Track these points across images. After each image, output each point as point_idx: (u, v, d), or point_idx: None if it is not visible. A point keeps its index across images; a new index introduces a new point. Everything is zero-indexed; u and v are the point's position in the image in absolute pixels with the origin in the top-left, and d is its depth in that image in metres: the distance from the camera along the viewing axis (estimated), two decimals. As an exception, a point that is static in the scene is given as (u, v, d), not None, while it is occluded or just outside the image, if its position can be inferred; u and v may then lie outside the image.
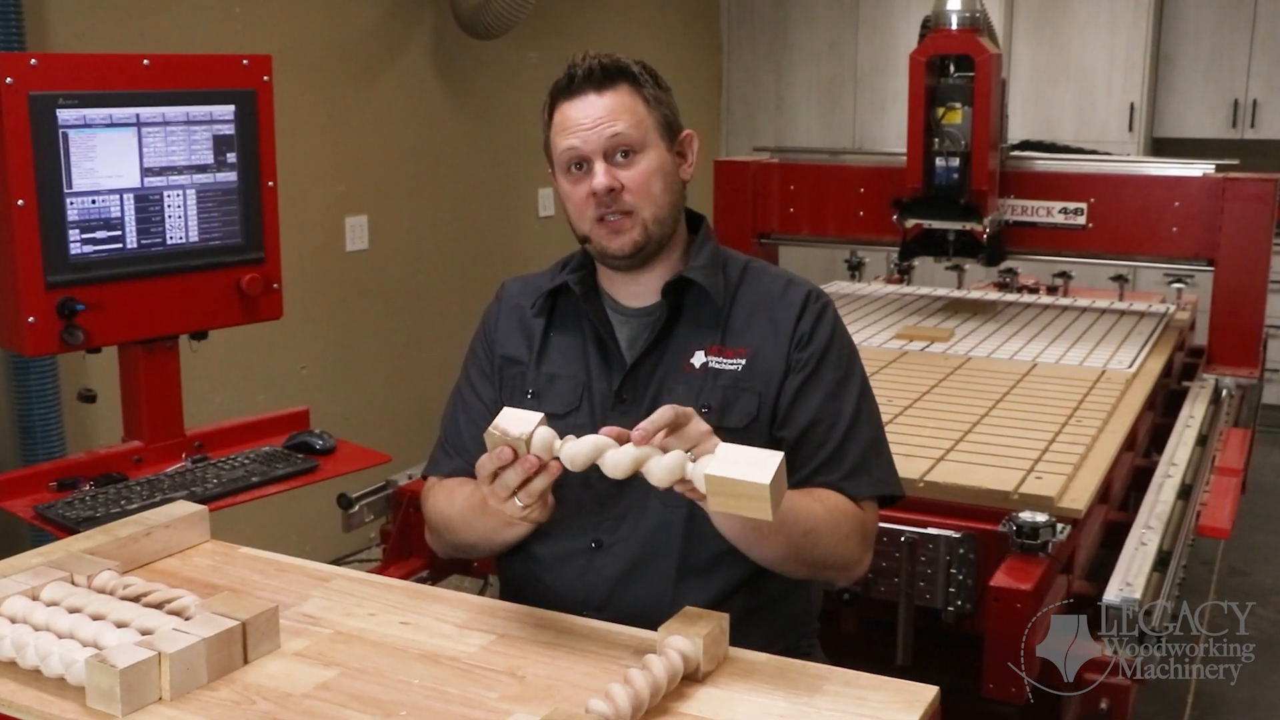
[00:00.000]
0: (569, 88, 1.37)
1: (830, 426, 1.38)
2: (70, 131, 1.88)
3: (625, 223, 1.36)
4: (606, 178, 1.35)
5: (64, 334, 1.90)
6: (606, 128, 1.35)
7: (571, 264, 1.47)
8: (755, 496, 1.06)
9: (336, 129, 3.63)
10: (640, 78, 1.38)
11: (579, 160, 1.37)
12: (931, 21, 3.13)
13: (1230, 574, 3.36)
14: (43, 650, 1.10)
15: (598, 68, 1.36)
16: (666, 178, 1.39)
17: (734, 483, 1.07)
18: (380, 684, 1.11)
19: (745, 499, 1.07)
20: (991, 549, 1.80)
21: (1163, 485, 2.15)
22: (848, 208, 3.45)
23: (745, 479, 1.07)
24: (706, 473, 1.09)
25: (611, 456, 1.13)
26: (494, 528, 1.31)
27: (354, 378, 3.75)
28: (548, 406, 1.41)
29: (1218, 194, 3.01)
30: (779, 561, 1.30)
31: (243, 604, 1.16)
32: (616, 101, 1.36)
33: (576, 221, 1.40)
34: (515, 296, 1.50)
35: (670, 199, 1.39)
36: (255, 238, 2.12)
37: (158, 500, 1.84)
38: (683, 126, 1.43)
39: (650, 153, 1.37)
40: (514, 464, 1.15)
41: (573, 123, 1.36)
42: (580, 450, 1.14)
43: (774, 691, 1.09)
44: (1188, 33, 5.04)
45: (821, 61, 5.47)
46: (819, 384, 1.39)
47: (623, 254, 1.38)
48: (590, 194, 1.36)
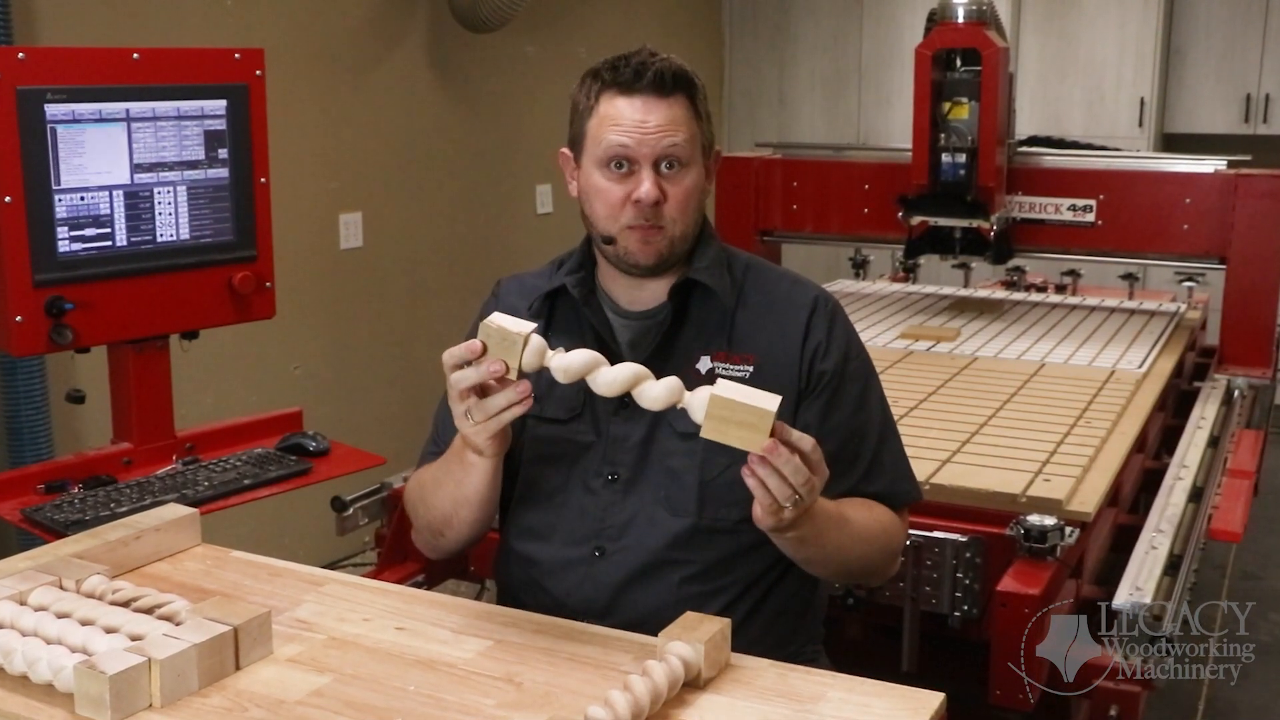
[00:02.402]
0: (630, 83, 1.33)
1: (861, 440, 1.39)
2: (58, 127, 1.86)
3: (656, 235, 1.35)
4: (654, 190, 1.33)
5: (52, 333, 1.89)
6: (665, 138, 1.33)
7: (569, 264, 1.44)
8: (755, 426, 1.09)
9: (330, 124, 3.61)
10: (698, 91, 1.37)
11: (625, 160, 1.34)
12: (937, 14, 3.11)
13: (1242, 578, 3.35)
14: (30, 656, 1.09)
15: (668, 72, 1.34)
16: (700, 196, 1.39)
17: (739, 406, 1.09)
18: (375, 690, 1.10)
19: (744, 427, 1.09)
20: (999, 553, 1.79)
21: (1173, 488, 2.14)
22: (852, 205, 3.43)
23: (751, 403, 1.09)
24: (714, 393, 1.10)
25: (605, 374, 1.15)
26: (457, 478, 1.30)
27: (348, 378, 3.73)
28: (549, 412, 1.38)
29: (1230, 190, 3.00)
30: (826, 575, 1.31)
31: (235, 609, 1.15)
32: (678, 112, 1.34)
33: (604, 220, 1.36)
34: (512, 297, 1.48)
35: (697, 217, 1.39)
36: (247, 235, 2.10)
37: (148, 503, 1.82)
38: (714, 141, 1.43)
39: (693, 170, 1.36)
40: (481, 365, 1.16)
41: (629, 120, 1.33)
42: (573, 362, 1.15)
43: (777, 698, 1.08)
44: (1199, 26, 5.00)
45: (825, 55, 5.44)
46: (845, 399, 1.39)
47: (647, 264, 1.36)
48: (631, 200, 1.33)
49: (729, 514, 1.34)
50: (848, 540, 1.30)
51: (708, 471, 1.34)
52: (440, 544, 1.40)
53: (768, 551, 1.32)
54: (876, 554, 1.37)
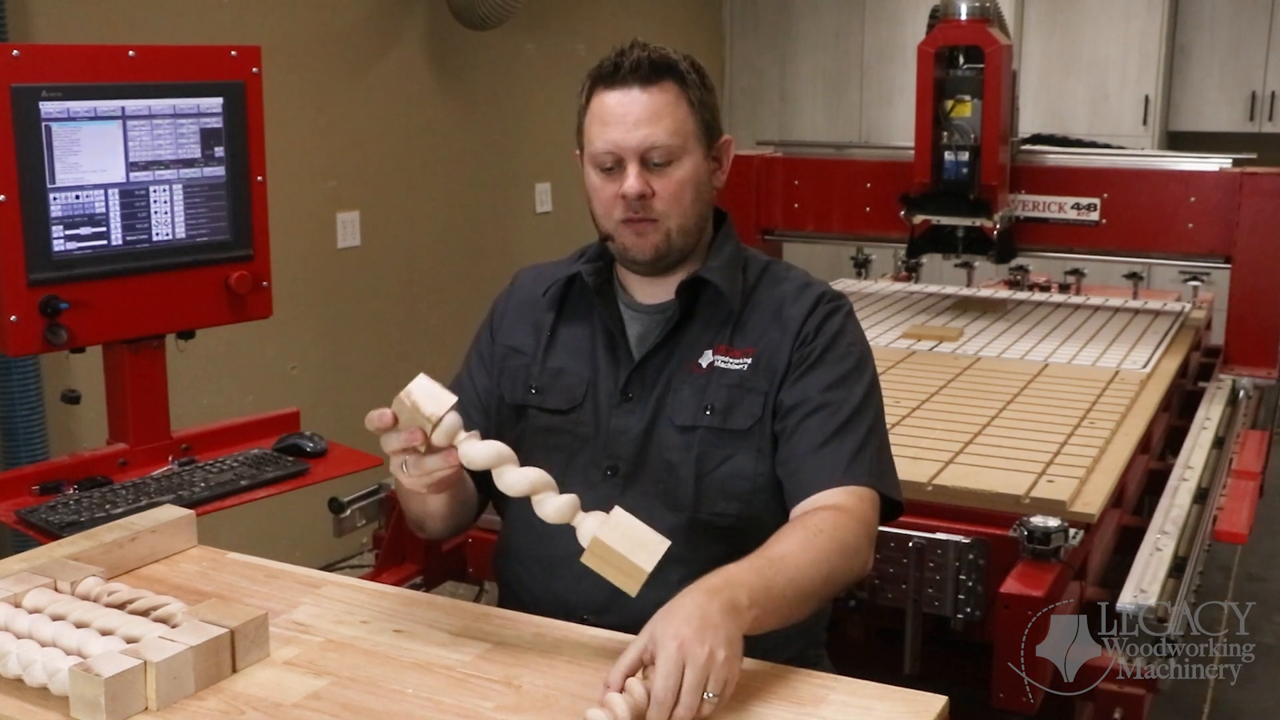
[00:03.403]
0: (614, 76, 1.33)
1: (831, 414, 1.33)
2: (53, 125, 1.85)
3: (649, 228, 1.34)
4: (639, 183, 1.32)
5: (47, 333, 1.88)
6: (646, 130, 1.32)
7: (589, 254, 1.45)
8: (631, 575, 1.10)
9: (327, 122, 3.60)
10: (687, 77, 1.35)
11: (612, 156, 1.34)
12: (940, 11, 3.10)
13: (1248, 580, 3.33)
14: (25, 659, 1.09)
15: (646, 61, 1.33)
16: (699, 187, 1.36)
17: (617, 555, 1.10)
18: (373, 693, 1.10)
19: (621, 573, 1.11)
20: (1002, 554, 1.78)
21: (1178, 489, 2.13)
22: (854, 203, 3.42)
23: (630, 557, 1.10)
24: (595, 535, 1.11)
25: (510, 473, 1.14)
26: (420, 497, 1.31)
27: (346, 378, 3.71)
28: (551, 402, 1.40)
29: (1235, 189, 2.99)
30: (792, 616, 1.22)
31: (231, 611, 1.15)
32: (661, 101, 1.33)
33: (601, 218, 1.38)
34: (528, 286, 1.49)
35: (699, 209, 1.37)
36: (244, 234, 2.09)
37: (143, 504, 1.81)
38: (722, 130, 1.40)
39: (686, 161, 1.34)
40: (400, 434, 1.15)
41: (612, 115, 1.33)
42: (478, 453, 1.14)
43: (778, 701, 1.08)
44: (1204, 23, 4.98)
45: (826, 52, 5.43)
46: (820, 374, 1.35)
47: (644, 258, 1.36)
48: (619, 195, 1.33)
49: (726, 508, 1.34)
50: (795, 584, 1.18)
51: (704, 465, 1.34)
52: (425, 534, 1.44)
53: None
54: (837, 563, 1.23)
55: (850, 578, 1.27)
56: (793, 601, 1.18)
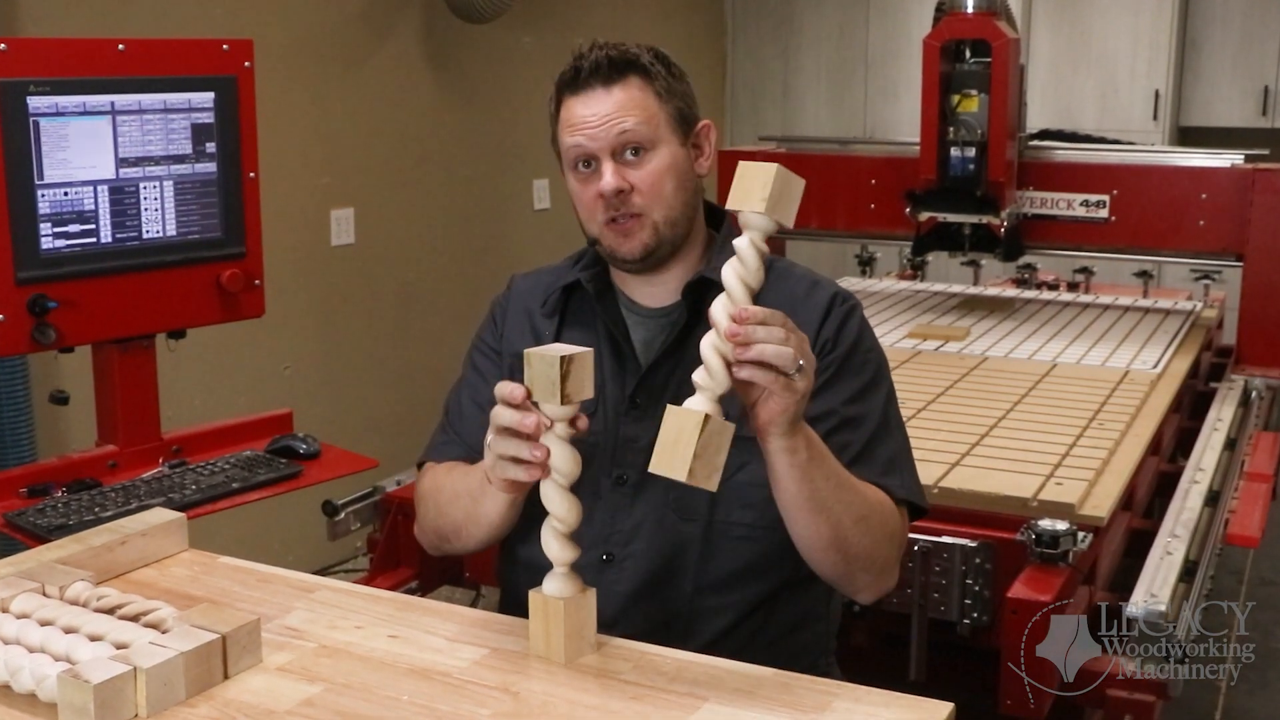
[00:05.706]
0: (575, 82, 1.32)
1: (855, 428, 1.32)
2: (42, 120, 1.84)
3: (634, 225, 1.32)
4: (615, 179, 1.31)
5: (35, 332, 1.87)
6: (614, 125, 1.30)
7: (586, 259, 1.43)
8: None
9: (321, 117, 3.57)
10: (651, 69, 1.33)
11: (586, 159, 1.33)
12: (946, 4, 3.09)
13: (1260, 584, 3.32)
14: (13, 665, 1.08)
15: (604, 60, 1.31)
16: (680, 175, 1.34)
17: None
18: (367, 700, 1.08)
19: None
20: (1009, 558, 1.77)
21: (1189, 491, 2.12)
22: (858, 200, 3.42)
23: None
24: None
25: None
26: (475, 495, 1.27)
27: (340, 378, 3.69)
28: None
29: (1247, 185, 2.98)
30: (821, 545, 1.23)
31: (223, 616, 1.14)
32: (625, 96, 1.31)
33: (586, 223, 1.36)
34: (523, 294, 1.47)
35: (684, 197, 1.35)
36: (236, 232, 2.08)
37: (133, 507, 1.81)
38: (699, 116, 1.38)
39: (662, 150, 1.32)
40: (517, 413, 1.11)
41: (579, 119, 1.32)
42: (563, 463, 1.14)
43: (780, 709, 1.06)
44: (1215, 17, 4.95)
45: (830, 46, 5.41)
46: (842, 386, 1.34)
47: (633, 257, 1.34)
48: (599, 195, 1.32)
49: (741, 516, 1.31)
50: (846, 492, 1.22)
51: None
52: (443, 548, 1.40)
53: (782, 562, 1.30)
54: (877, 530, 1.25)
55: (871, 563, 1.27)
56: (832, 488, 1.19)
